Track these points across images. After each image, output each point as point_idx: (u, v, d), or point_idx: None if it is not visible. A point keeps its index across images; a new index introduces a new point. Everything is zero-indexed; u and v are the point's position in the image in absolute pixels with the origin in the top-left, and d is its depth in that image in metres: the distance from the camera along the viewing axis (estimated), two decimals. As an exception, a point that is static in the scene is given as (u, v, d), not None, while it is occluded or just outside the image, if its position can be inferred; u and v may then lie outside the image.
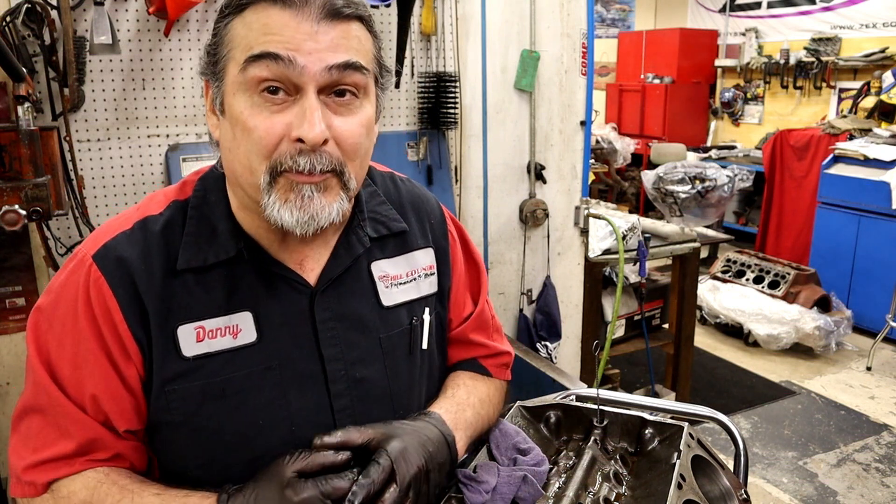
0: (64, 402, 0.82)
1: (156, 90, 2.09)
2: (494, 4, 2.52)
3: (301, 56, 0.76)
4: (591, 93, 2.79)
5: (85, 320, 0.83)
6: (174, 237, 0.87)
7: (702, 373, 4.00)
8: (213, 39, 0.83)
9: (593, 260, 2.95)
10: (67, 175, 1.98)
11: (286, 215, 0.80)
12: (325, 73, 0.78)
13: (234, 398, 0.86)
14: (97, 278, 0.83)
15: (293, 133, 0.78)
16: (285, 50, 0.76)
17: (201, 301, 0.86)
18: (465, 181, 2.62)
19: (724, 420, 1.16)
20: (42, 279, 1.96)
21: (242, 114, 0.79)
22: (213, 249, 0.87)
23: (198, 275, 0.86)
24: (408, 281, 1.01)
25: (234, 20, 0.80)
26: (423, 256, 1.03)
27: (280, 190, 0.80)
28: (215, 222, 0.88)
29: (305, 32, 0.77)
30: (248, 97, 0.79)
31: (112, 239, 0.85)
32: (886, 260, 4.41)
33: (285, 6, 0.77)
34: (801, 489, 2.87)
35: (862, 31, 6.08)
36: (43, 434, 0.83)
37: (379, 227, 0.99)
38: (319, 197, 0.81)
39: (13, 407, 1.94)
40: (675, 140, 7.01)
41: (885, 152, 4.49)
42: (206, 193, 0.90)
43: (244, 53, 0.78)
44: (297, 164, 0.78)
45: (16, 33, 1.78)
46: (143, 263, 0.84)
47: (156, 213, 0.88)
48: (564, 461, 1.00)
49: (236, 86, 0.80)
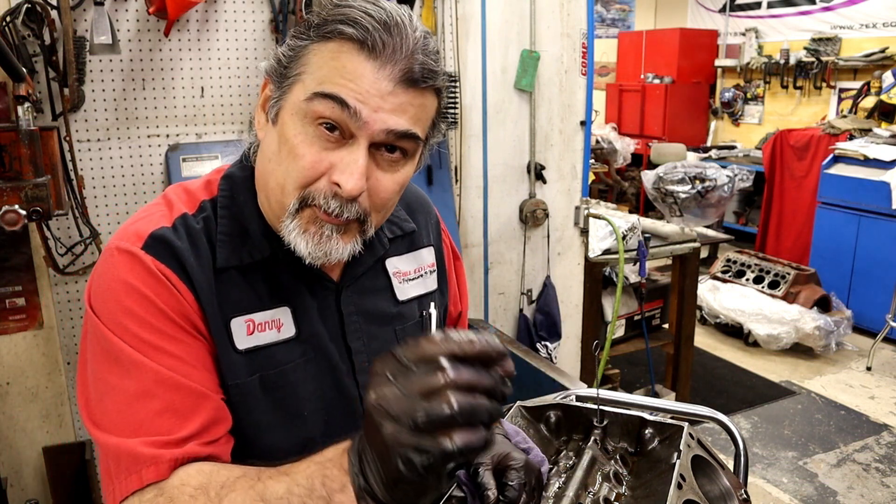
0: (182, 382, 0.79)
1: (156, 90, 2.09)
2: (494, 4, 2.52)
3: (367, 110, 0.77)
4: (591, 93, 2.79)
5: (161, 300, 0.81)
6: (213, 237, 0.88)
7: (702, 373, 4.00)
8: (288, 51, 0.83)
9: (593, 260, 2.95)
10: (67, 175, 1.98)
11: (301, 244, 0.82)
12: (382, 134, 0.79)
13: (284, 390, 0.89)
14: (157, 264, 0.82)
15: (334, 177, 0.79)
16: (354, 100, 0.77)
17: (248, 296, 0.88)
18: (465, 181, 2.62)
19: (724, 420, 1.16)
20: (42, 279, 1.96)
21: (295, 138, 0.80)
22: (248, 249, 0.89)
23: (240, 271, 0.88)
24: (416, 277, 1.06)
25: (315, 46, 0.80)
26: (428, 254, 1.09)
27: (303, 220, 0.82)
28: (246, 223, 0.90)
29: (379, 90, 0.77)
30: (304, 125, 0.80)
31: (157, 230, 0.85)
32: (886, 260, 4.41)
33: (370, 57, 0.77)
34: (801, 489, 2.87)
35: (862, 31, 6.08)
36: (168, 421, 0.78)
37: (393, 227, 1.04)
38: (337, 238, 0.83)
39: (13, 407, 1.95)
40: (675, 140, 7.01)
41: (885, 152, 4.49)
42: (233, 193, 0.91)
43: (315, 84, 0.79)
44: (327, 205, 0.80)
45: (16, 33, 1.78)
46: (192, 257, 0.85)
47: (192, 213, 0.89)
48: (564, 461, 1.00)
49: (296, 108, 0.80)
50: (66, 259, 2.03)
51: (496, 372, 0.61)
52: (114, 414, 0.78)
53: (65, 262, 2.03)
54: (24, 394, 1.95)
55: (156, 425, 0.77)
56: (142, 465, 0.75)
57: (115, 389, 0.79)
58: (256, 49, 2.19)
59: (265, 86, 0.87)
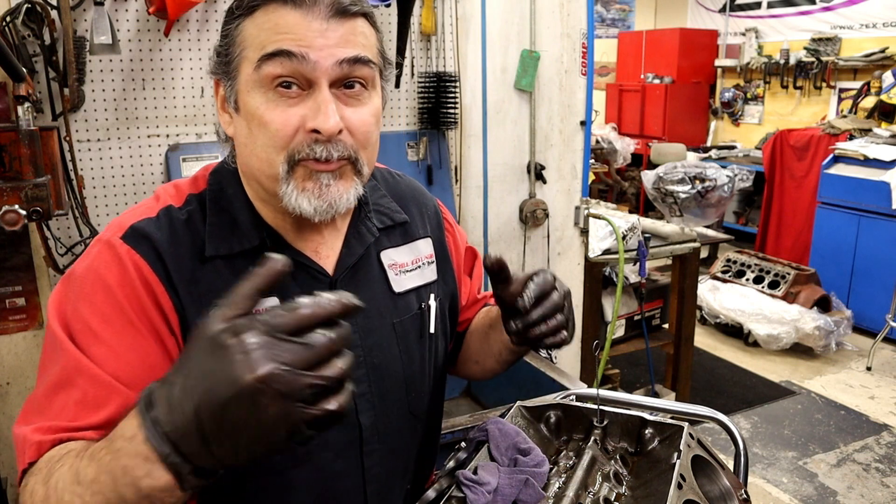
0: (96, 372, 0.79)
1: (156, 90, 2.09)
2: (494, 4, 2.52)
3: (313, 52, 0.80)
4: (591, 93, 2.79)
5: (122, 293, 0.82)
6: (198, 227, 0.89)
7: (702, 373, 4.00)
8: (223, 41, 0.87)
9: (593, 260, 2.95)
10: (67, 175, 1.98)
11: (304, 203, 0.84)
12: (336, 68, 0.82)
13: None
14: (132, 254, 0.83)
15: (308, 125, 0.82)
16: (298, 47, 0.80)
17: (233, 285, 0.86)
18: (465, 181, 2.62)
19: (724, 420, 1.16)
20: (42, 279, 1.96)
21: (258, 109, 0.82)
22: (237, 239, 0.90)
23: (226, 260, 0.89)
24: (414, 268, 1.06)
25: (245, 21, 0.83)
26: (425, 245, 1.09)
27: (298, 178, 0.84)
28: (235, 213, 0.91)
29: (316, 30, 0.81)
30: (263, 93, 0.82)
31: (139, 221, 0.86)
32: (886, 260, 4.41)
33: (295, 6, 0.81)
34: (801, 489, 2.87)
35: (862, 31, 6.08)
36: (70, 409, 0.78)
37: (383, 218, 1.04)
38: (336, 184, 0.85)
39: (13, 407, 1.95)
40: (675, 140, 7.01)
41: (885, 152, 4.49)
42: (221, 186, 0.93)
43: (258, 52, 0.81)
44: (314, 153, 0.82)
45: (16, 33, 1.78)
46: (171, 247, 0.86)
47: (178, 206, 0.90)
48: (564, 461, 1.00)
49: (251, 83, 0.83)
50: (66, 259, 2.03)
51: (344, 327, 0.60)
52: (41, 398, 0.80)
53: (65, 262, 2.03)
54: (24, 394, 1.95)
55: (63, 413, 0.78)
56: (26, 446, 0.77)
57: (43, 376, 0.81)
58: (256, 49, 2.19)
59: (217, 87, 0.90)
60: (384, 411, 0.97)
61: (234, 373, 0.55)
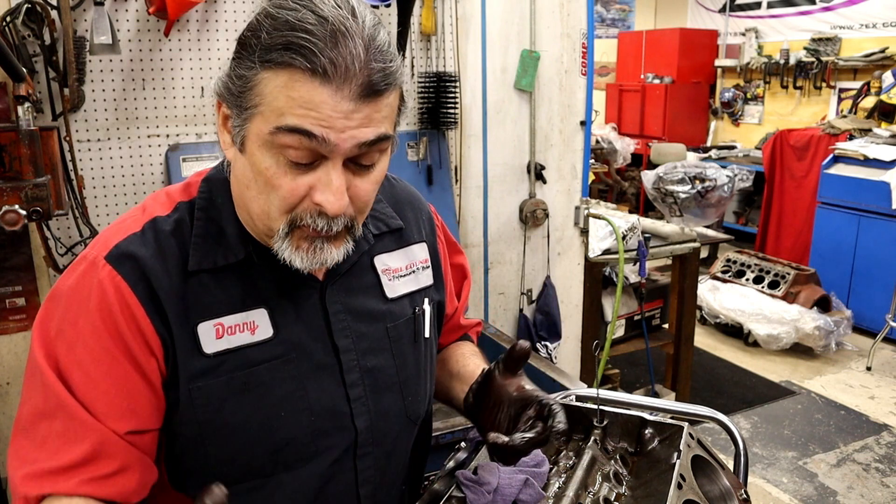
0: (73, 406, 0.80)
1: (156, 90, 2.09)
2: (494, 4, 2.52)
3: (333, 134, 0.76)
4: (591, 93, 2.79)
5: (101, 318, 0.82)
6: (185, 238, 0.87)
7: (702, 373, 4.00)
8: (237, 80, 0.79)
9: (593, 260, 2.95)
10: (67, 175, 1.98)
11: (296, 260, 0.84)
12: (355, 150, 0.79)
13: (256, 391, 0.88)
14: (113, 276, 0.82)
15: (315, 198, 0.80)
16: (319, 129, 0.75)
17: (218, 299, 0.87)
18: (465, 181, 2.62)
19: (724, 420, 1.16)
20: (42, 279, 1.96)
21: (268, 170, 0.79)
22: (223, 252, 0.88)
23: (212, 274, 0.87)
24: (408, 273, 1.05)
25: (267, 73, 0.76)
26: (420, 250, 1.08)
27: (294, 239, 0.83)
28: (223, 225, 0.89)
29: (342, 111, 0.75)
30: (274, 156, 0.79)
31: (123, 240, 0.85)
32: (886, 260, 4.41)
33: (324, 82, 0.74)
34: (801, 489, 2.87)
35: (862, 31, 6.08)
36: (51, 442, 0.81)
37: (378, 223, 1.02)
38: (329, 246, 0.84)
39: (13, 407, 1.94)
40: (675, 140, 7.01)
41: (885, 152, 4.49)
42: (211, 195, 0.91)
43: (276, 117, 0.76)
44: (315, 224, 0.81)
45: (16, 33, 1.78)
46: (157, 263, 0.84)
47: (164, 215, 0.89)
48: (564, 461, 1.00)
49: (262, 141, 0.78)
50: (66, 259, 2.03)
51: None
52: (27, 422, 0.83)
53: (65, 262, 2.03)
54: (24, 394, 1.95)
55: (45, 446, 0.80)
56: (16, 500, 0.79)
57: (28, 400, 0.83)
58: (256, 49, 2.19)
59: (220, 105, 0.85)
60: (379, 415, 0.97)
61: None
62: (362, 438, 0.95)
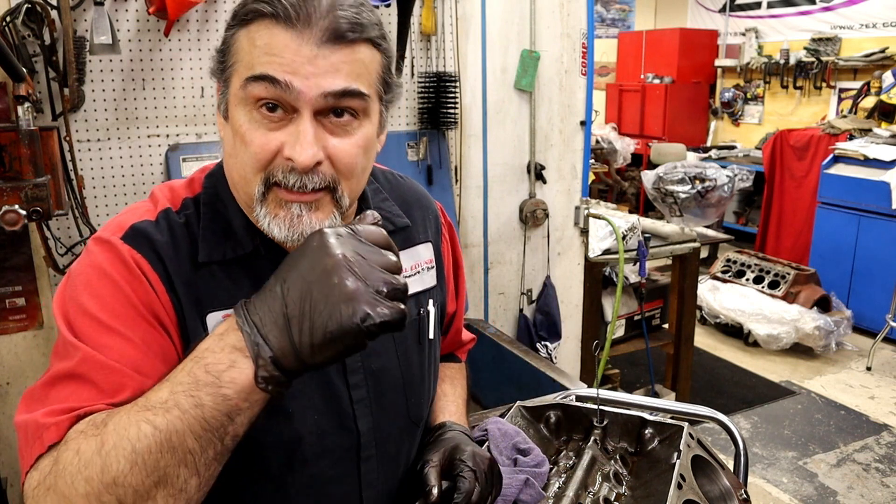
0: (112, 364, 0.77)
1: (156, 90, 2.09)
2: (494, 4, 2.52)
3: (298, 80, 0.77)
4: (591, 93, 2.79)
5: (130, 288, 0.80)
6: (194, 232, 0.88)
7: (702, 373, 4.00)
8: (222, 45, 0.84)
9: (593, 260, 2.95)
10: (67, 175, 1.98)
11: (276, 230, 0.82)
12: (321, 99, 0.78)
13: None
14: (132, 253, 0.82)
15: (285, 152, 0.79)
16: (283, 73, 0.76)
17: (228, 291, 0.87)
18: (465, 181, 2.62)
19: (724, 420, 1.16)
20: (42, 279, 1.96)
21: (242, 127, 0.80)
22: (231, 244, 0.88)
23: (221, 266, 0.87)
24: (412, 274, 1.04)
25: (240, 32, 0.80)
26: (425, 250, 1.07)
27: (270, 204, 0.81)
28: (229, 218, 0.89)
29: (305, 56, 0.77)
30: (248, 111, 0.80)
31: (139, 223, 0.85)
32: (886, 260, 4.41)
33: (287, 26, 0.76)
34: (801, 489, 2.87)
35: (862, 31, 6.08)
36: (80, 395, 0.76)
37: (385, 222, 1.01)
38: (309, 215, 0.82)
39: (13, 407, 1.94)
40: (675, 140, 7.01)
41: (885, 152, 4.49)
42: (216, 190, 0.91)
43: (246, 70, 0.79)
44: (287, 181, 0.79)
45: (16, 33, 1.78)
46: (171, 251, 0.85)
47: (175, 209, 0.89)
48: (564, 461, 1.00)
49: (237, 98, 0.81)
50: (66, 259, 2.03)
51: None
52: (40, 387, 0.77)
53: (65, 262, 2.03)
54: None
55: (73, 398, 0.75)
56: (43, 429, 0.73)
57: (50, 369, 0.78)
58: (256, 49, 2.19)
59: (218, 90, 0.87)
60: (382, 417, 0.96)
61: (318, 254, 0.68)
62: (365, 440, 0.95)
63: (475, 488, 0.89)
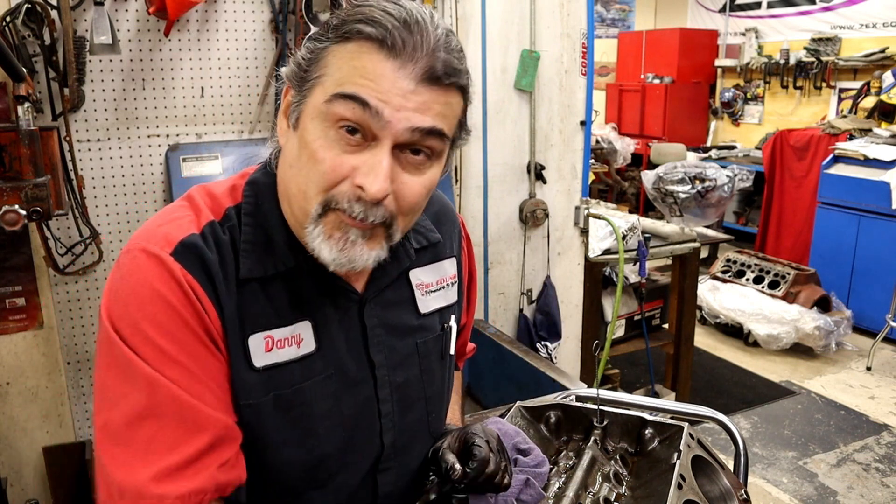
0: (187, 400, 0.77)
1: (156, 90, 2.09)
2: (494, 4, 2.52)
3: (388, 110, 0.75)
4: (591, 93, 2.79)
5: (187, 312, 0.78)
6: (237, 246, 0.85)
7: (702, 373, 4.00)
8: (308, 54, 0.81)
9: (593, 260, 2.95)
10: (67, 175, 1.98)
11: (325, 251, 0.80)
12: (407, 133, 0.77)
13: (299, 409, 0.86)
14: (185, 274, 0.79)
15: (357, 179, 0.77)
16: (376, 100, 0.75)
17: (268, 310, 0.85)
18: (465, 181, 2.62)
19: (724, 420, 1.16)
20: (42, 279, 1.96)
21: (315, 142, 0.78)
22: (272, 260, 0.85)
23: (260, 283, 0.85)
24: (438, 289, 1.02)
25: (335, 46, 0.78)
26: (450, 266, 1.05)
27: (327, 225, 0.79)
28: (271, 232, 0.86)
29: (401, 88, 0.75)
30: (325, 128, 0.77)
31: (188, 238, 0.81)
32: (886, 260, 4.41)
33: (390, 55, 0.75)
34: (801, 489, 2.87)
35: (862, 31, 6.08)
36: (162, 438, 0.75)
37: (419, 237, 1.00)
38: (362, 244, 0.80)
39: (13, 406, 1.95)
40: (675, 140, 7.01)
41: (885, 152, 4.49)
42: (258, 200, 0.88)
43: (334, 86, 0.77)
44: (351, 209, 0.78)
45: (16, 33, 1.78)
46: (220, 269, 0.82)
47: (218, 220, 0.86)
48: (564, 461, 1.00)
49: (316, 112, 0.78)
50: (66, 259, 2.03)
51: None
52: (122, 427, 0.76)
53: (65, 262, 2.03)
54: (24, 394, 1.95)
55: (157, 444, 0.75)
56: (157, 500, 0.73)
57: (124, 400, 0.76)
58: (256, 49, 2.19)
59: (287, 92, 0.85)
60: (404, 431, 0.96)
61: None
62: (386, 453, 0.95)
63: (490, 457, 0.90)
